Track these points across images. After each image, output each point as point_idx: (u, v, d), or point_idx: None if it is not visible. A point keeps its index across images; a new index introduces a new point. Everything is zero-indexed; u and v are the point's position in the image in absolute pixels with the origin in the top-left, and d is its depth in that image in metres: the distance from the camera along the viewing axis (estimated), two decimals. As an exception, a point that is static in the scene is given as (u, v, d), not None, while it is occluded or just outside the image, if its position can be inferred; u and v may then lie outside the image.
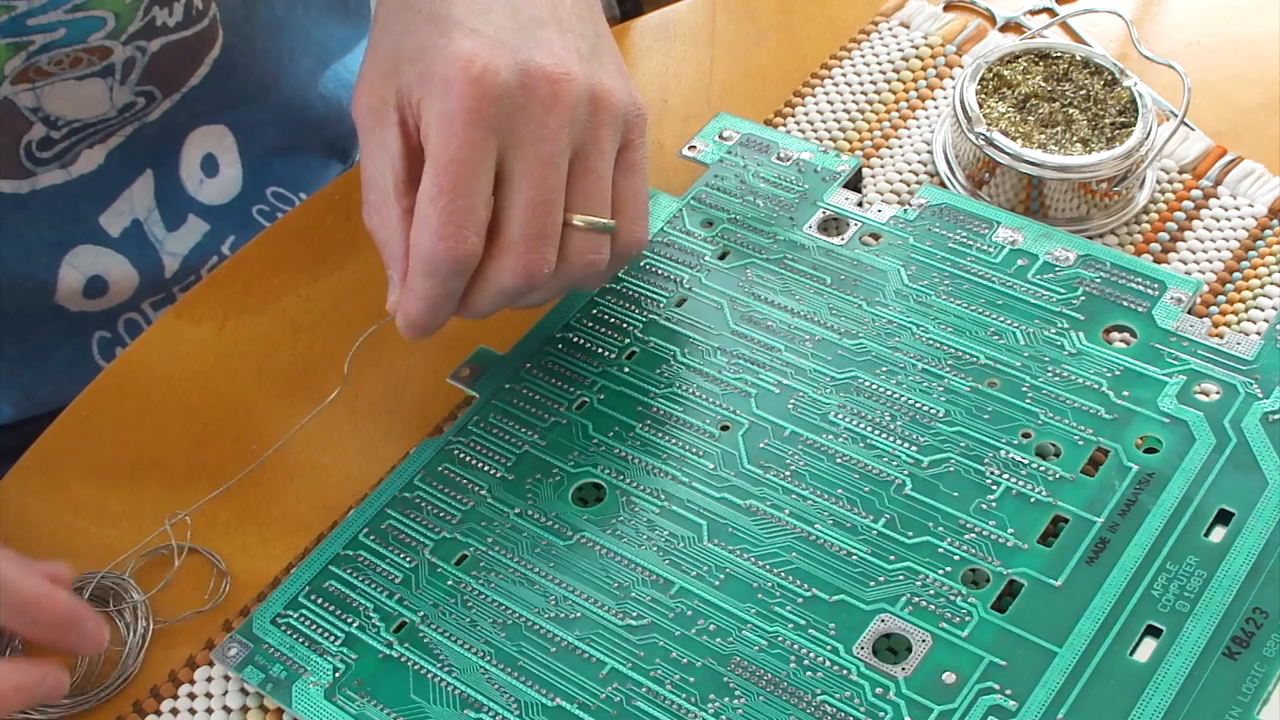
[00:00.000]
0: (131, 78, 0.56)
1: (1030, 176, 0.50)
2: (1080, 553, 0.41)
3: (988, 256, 0.49)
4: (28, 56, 0.52)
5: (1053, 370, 0.46)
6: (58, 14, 0.51)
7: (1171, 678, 0.38)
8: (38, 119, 0.55)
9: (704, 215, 0.52)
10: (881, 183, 0.55)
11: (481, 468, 0.46)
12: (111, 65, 0.55)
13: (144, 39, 0.55)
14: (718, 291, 0.50)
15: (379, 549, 0.45)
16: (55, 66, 0.54)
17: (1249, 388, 0.44)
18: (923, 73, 0.58)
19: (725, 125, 0.55)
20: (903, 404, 0.46)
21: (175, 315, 0.55)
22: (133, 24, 0.54)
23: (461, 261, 0.42)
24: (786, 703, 0.40)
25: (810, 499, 0.44)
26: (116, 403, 0.52)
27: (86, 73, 0.55)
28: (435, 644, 0.42)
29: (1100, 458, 0.43)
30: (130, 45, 0.55)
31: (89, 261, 0.60)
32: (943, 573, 0.42)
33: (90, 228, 0.60)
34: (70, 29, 0.52)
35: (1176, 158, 0.53)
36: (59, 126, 0.56)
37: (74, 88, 0.55)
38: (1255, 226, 0.51)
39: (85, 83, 0.55)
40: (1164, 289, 0.47)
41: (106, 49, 0.54)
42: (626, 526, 0.44)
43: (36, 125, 0.55)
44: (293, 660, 0.42)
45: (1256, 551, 0.41)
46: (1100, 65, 0.53)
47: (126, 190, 0.60)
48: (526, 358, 0.49)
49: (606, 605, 0.42)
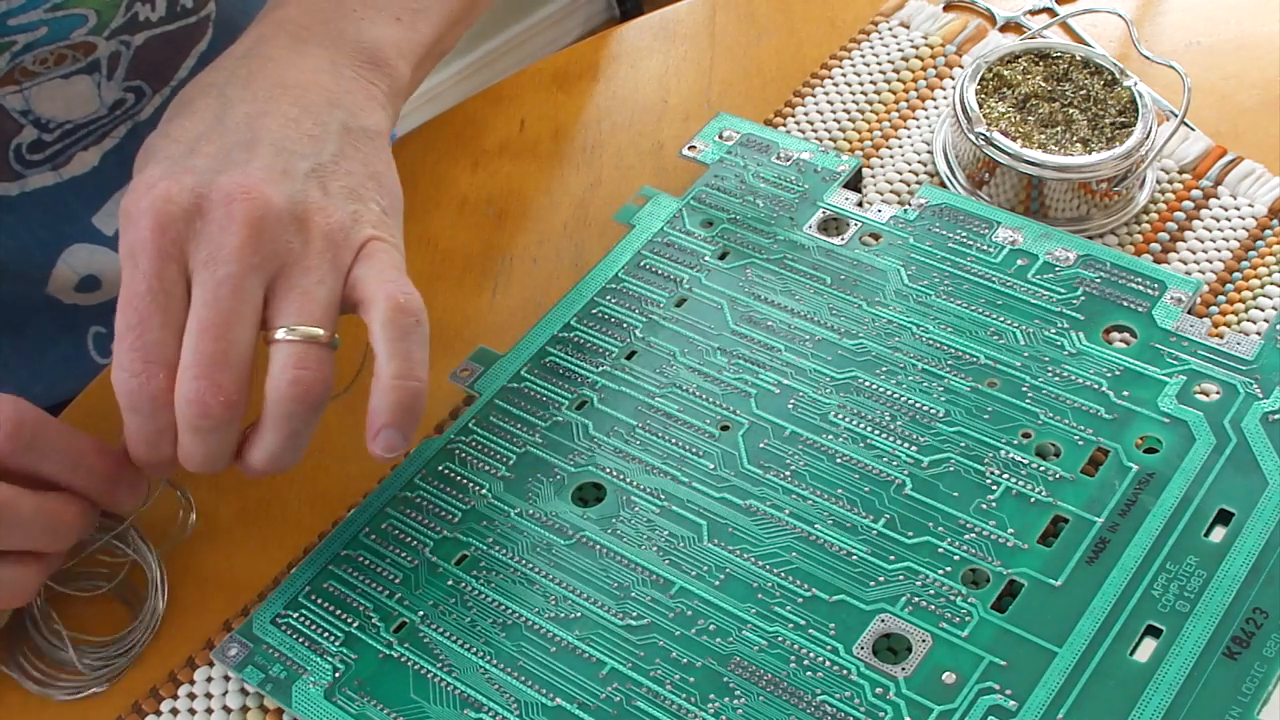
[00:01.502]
0: (118, 73, 0.56)
1: (1030, 176, 0.50)
2: (1080, 553, 0.41)
3: (988, 256, 0.49)
4: (11, 57, 0.52)
5: (1053, 370, 0.46)
6: (38, 13, 0.51)
7: (1171, 678, 0.38)
8: (28, 121, 0.55)
9: (704, 215, 0.52)
10: (881, 183, 0.55)
11: (482, 467, 0.46)
12: (97, 61, 0.55)
13: (127, 33, 0.55)
14: (718, 291, 0.50)
15: (379, 549, 0.45)
16: (40, 66, 0.54)
17: (1249, 388, 0.44)
18: (923, 73, 0.58)
19: (725, 125, 0.55)
20: (903, 404, 0.46)
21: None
22: (115, 19, 0.54)
23: (156, 398, 0.40)
24: (786, 703, 0.40)
25: (810, 499, 0.44)
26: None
27: (72, 70, 0.55)
28: (435, 644, 0.42)
29: (1100, 458, 0.43)
30: (114, 40, 0.55)
31: (84, 260, 0.60)
32: (943, 573, 0.42)
33: (84, 228, 0.60)
34: (52, 27, 0.52)
35: (1176, 158, 0.54)
36: (51, 129, 0.56)
37: (61, 87, 0.55)
38: (1255, 226, 0.51)
39: (72, 81, 0.55)
40: (1164, 289, 0.47)
41: (90, 44, 0.54)
42: (626, 526, 0.44)
43: (27, 128, 0.55)
44: (293, 660, 0.42)
45: (1256, 551, 0.41)
46: (1100, 65, 0.53)
47: (119, 191, 0.60)
48: (526, 358, 0.49)
49: (606, 605, 0.42)
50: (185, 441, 0.41)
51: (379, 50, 0.47)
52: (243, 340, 0.40)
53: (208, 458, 0.41)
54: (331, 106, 0.44)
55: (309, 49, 0.46)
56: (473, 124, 0.60)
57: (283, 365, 0.40)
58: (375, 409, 0.41)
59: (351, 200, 0.43)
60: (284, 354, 0.40)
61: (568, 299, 0.50)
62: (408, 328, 0.41)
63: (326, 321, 0.41)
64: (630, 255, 0.51)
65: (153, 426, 0.40)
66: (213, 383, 0.39)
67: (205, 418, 0.40)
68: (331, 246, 0.41)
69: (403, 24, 0.49)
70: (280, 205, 0.41)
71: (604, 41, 0.63)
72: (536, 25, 1.69)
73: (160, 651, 0.45)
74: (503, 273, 0.54)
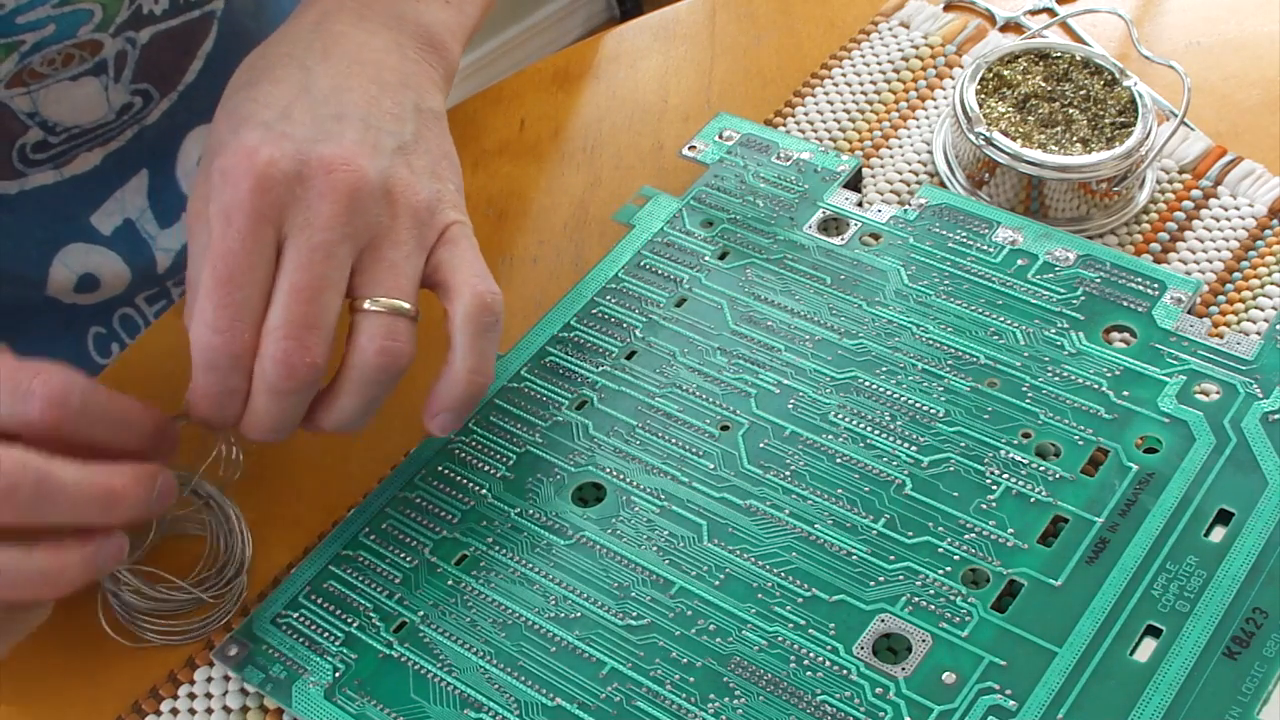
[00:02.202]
0: (125, 75, 0.56)
1: (1030, 176, 0.50)
2: (1080, 553, 0.41)
3: (988, 256, 0.49)
4: (20, 58, 0.52)
5: (1053, 370, 0.46)
6: (46, 9, 0.51)
7: (1171, 678, 0.38)
8: (34, 123, 0.55)
9: (704, 215, 0.52)
10: (881, 183, 0.55)
11: (482, 467, 0.46)
12: (104, 61, 0.55)
13: (132, 29, 0.55)
14: (718, 291, 0.50)
15: (379, 549, 0.45)
16: (48, 67, 0.54)
17: (1249, 388, 0.44)
18: (923, 73, 0.58)
19: (725, 125, 0.55)
20: (903, 404, 0.46)
21: (175, 314, 0.55)
22: (120, 13, 0.54)
23: (237, 357, 0.40)
24: (786, 703, 0.40)
25: (810, 499, 0.44)
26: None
27: (79, 71, 0.55)
28: (435, 644, 0.42)
29: (1100, 458, 0.43)
30: (120, 38, 0.55)
31: (80, 260, 0.60)
32: (943, 573, 0.42)
33: (81, 226, 0.60)
34: (59, 24, 0.52)
35: (1176, 158, 0.54)
36: (58, 132, 0.56)
37: (69, 90, 0.55)
38: (1255, 226, 0.51)
39: (80, 84, 0.55)
40: (1164, 289, 0.47)
41: (97, 43, 0.54)
42: (626, 526, 0.44)
43: (33, 129, 0.55)
44: (293, 660, 0.42)
45: (1256, 551, 0.41)
46: (1100, 65, 0.53)
47: (119, 190, 0.60)
48: (526, 358, 0.49)
49: (606, 605, 0.42)
50: (261, 404, 0.41)
51: (435, 33, 0.48)
52: (331, 306, 0.41)
53: (278, 422, 0.41)
54: (404, 87, 0.45)
55: (375, 29, 0.47)
56: (473, 124, 0.60)
57: (370, 334, 0.41)
58: (442, 394, 0.43)
59: (433, 179, 0.44)
60: (372, 324, 0.41)
61: (568, 299, 0.50)
62: (488, 325, 0.43)
63: (412, 295, 0.42)
64: (630, 255, 0.51)
65: (224, 386, 0.41)
66: (301, 344, 0.40)
67: (290, 379, 0.40)
68: (418, 224, 0.43)
69: (452, 6, 0.50)
70: (374, 179, 0.42)
71: (604, 41, 0.63)
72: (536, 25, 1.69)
73: (161, 652, 0.45)
74: (503, 273, 0.54)
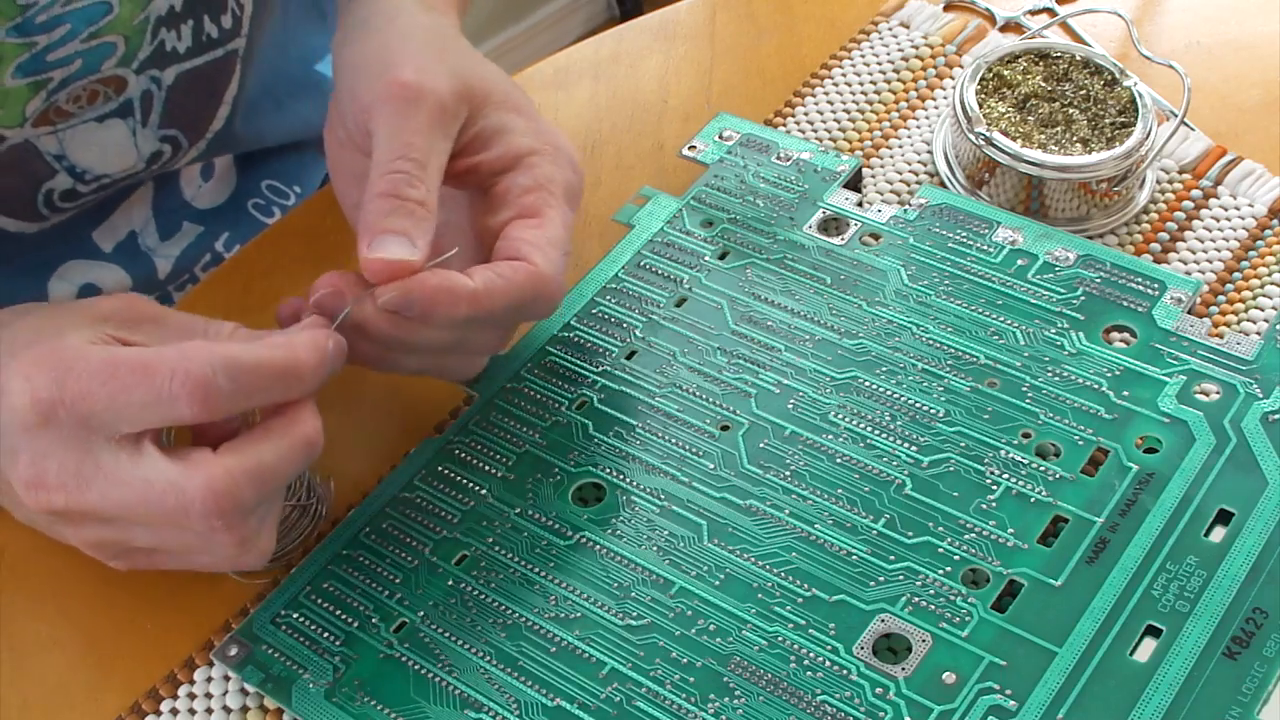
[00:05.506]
0: (152, 119, 0.56)
1: (1030, 176, 0.50)
2: (1080, 553, 0.41)
3: (988, 256, 0.49)
4: (47, 96, 0.52)
5: (1053, 370, 0.46)
6: (75, 44, 0.51)
7: (1171, 678, 0.38)
8: (62, 167, 0.55)
9: (704, 215, 0.52)
10: (881, 183, 0.55)
11: (481, 467, 0.46)
12: (129, 102, 0.54)
13: (156, 67, 0.55)
14: (718, 291, 0.50)
15: (379, 549, 0.45)
16: (74, 104, 0.53)
17: (1249, 388, 0.44)
18: (923, 73, 0.58)
19: (725, 125, 0.55)
20: (903, 404, 0.46)
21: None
22: (142, 48, 0.53)
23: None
24: (786, 703, 0.40)
25: (810, 499, 0.44)
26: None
27: (105, 111, 0.54)
28: (435, 644, 0.42)
29: (1100, 458, 0.43)
30: (144, 75, 0.54)
31: (80, 274, 0.60)
32: (943, 573, 0.42)
33: (82, 244, 0.59)
34: (86, 59, 0.52)
35: (1176, 158, 0.54)
36: (87, 180, 0.56)
37: (96, 133, 0.54)
38: (1255, 226, 0.51)
39: (107, 126, 0.55)
40: (1164, 289, 0.47)
41: (121, 79, 0.53)
42: (626, 526, 0.44)
43: (61, 174, 0.55)
44: (293, 660, 0.42)
45: (1256, 551, 0.41)
46: (1100, 65, 0.53)
47: (124, 204, 0.60)
48: (526, 358, 0.49)
49: (606, 605, 0.42)
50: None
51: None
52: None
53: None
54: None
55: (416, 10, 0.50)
56: (473, 124, 0.60)
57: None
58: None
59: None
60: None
61: (568, 299, 0.50)
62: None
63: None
64: (630, 255, 0.51)
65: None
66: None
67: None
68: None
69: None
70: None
71: (604, 41, 0.63)
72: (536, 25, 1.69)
73: (161, 651, 0.45)
74: (503, 273, 0.54)
